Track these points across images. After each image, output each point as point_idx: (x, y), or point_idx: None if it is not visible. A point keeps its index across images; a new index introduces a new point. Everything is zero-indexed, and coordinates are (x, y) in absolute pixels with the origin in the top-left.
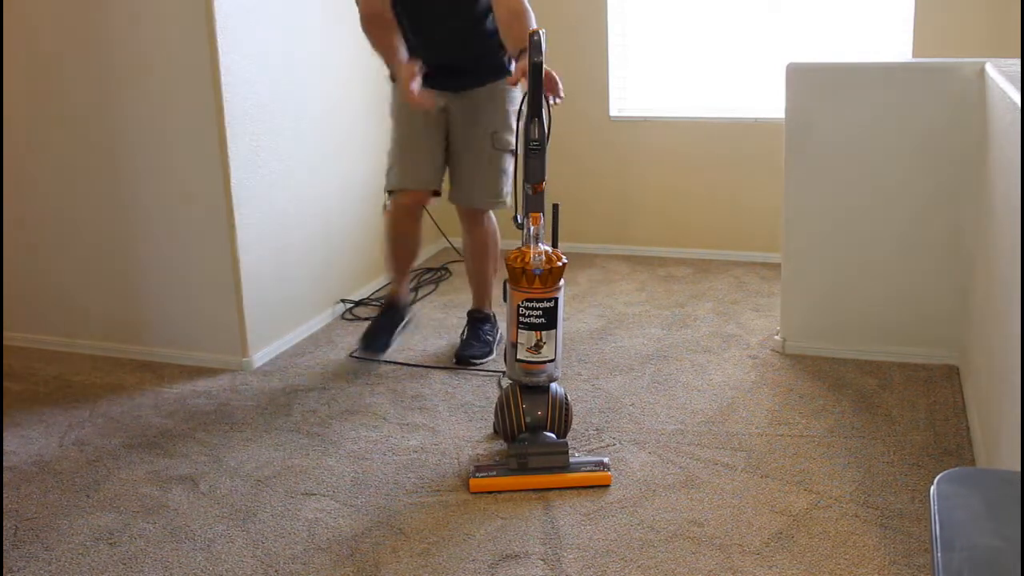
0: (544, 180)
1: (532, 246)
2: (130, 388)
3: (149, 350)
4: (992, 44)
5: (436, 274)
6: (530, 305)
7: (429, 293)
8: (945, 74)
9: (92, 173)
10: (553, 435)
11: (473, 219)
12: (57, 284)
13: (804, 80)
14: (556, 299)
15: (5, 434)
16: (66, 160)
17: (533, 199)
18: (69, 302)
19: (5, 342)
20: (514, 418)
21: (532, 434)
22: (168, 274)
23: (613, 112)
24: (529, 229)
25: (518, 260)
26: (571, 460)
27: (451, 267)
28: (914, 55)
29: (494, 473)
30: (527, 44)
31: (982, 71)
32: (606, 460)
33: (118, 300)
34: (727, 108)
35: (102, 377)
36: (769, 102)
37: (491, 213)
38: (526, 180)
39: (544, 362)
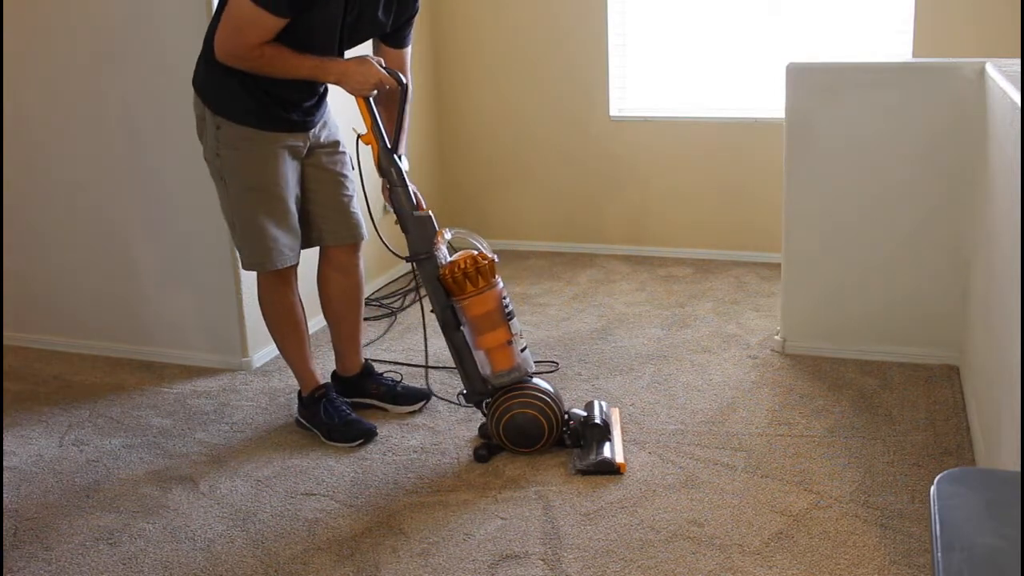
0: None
1: (452, 255)
2: (130, 388)
3: (149, 350)
4: (992, 44)
5: None
6: (504, 296)
7: None
8: (945, 74)
9: (92, 173)
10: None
11: (355, 255)
12: (57, 284)
13: (804, 80)
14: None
15: (5, 434)
16: (66, 160)
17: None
18: (69, 302)
19: (5, 342)
20: (559, 413)
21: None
22: (168, 274)
23: (613, 112)
24: (444, 245)
25: (471, 264)
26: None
27: None
28: (914, 55)
29: None
30: None
31: (982, 71)
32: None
33: (118, 300)
34: (727, 108)
35: (102, 377)
36: (769, 102)
37: None
38: (410, 209)
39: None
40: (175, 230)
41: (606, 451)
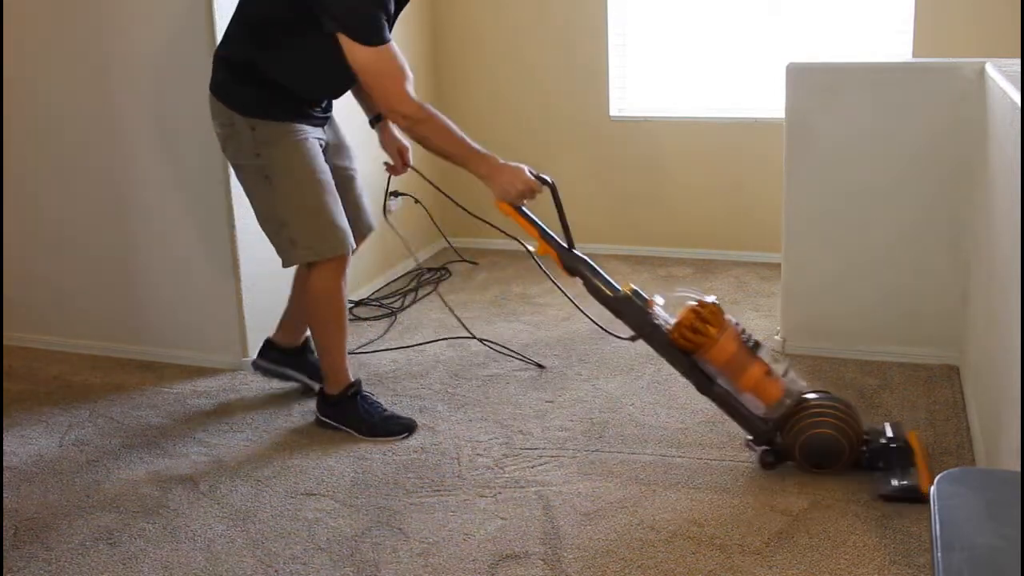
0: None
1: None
2: (130, 388)
3: (149, 350)
4: (992, 44)
5: (436, 274)
6: (742, 331)
7: (429, 293)
8: (945, 74)
9: (92, 173)
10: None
11: (359, 245)
12: (57, 284)
13: (804, 80)
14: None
15: (5, 434)
16: (66, 160)
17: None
18: (69, 302)
19: (5, 342)
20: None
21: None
22: (168, 274)
23: (613, 112)
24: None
25: (694, 318)
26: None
27: (450, 267)
28: (914, 55)
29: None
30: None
31: (982, 71)
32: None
33: (118, 300)
34: (727, 108)
35: (102, 377)
36: (769, 102)
37: None
38: (611, 294)
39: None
40: (175, 230)
41: (912, 477)
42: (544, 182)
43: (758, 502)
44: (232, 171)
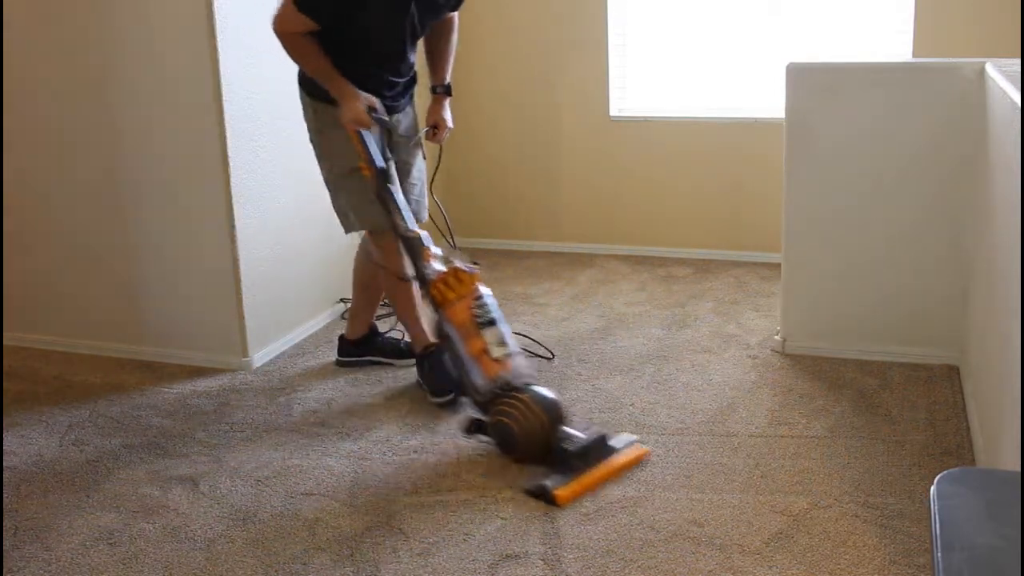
0: None
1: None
2: (130, 388)
3: (149, 350)
4: (992, 44)
5: None
6: (479, 305)
7: None
8: (945, 74)
9: (92, 174)
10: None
11: None
12: (57, 284)
13: (804, 80)
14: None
15: (5, 434)
16: (66, 161)
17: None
18: (69, 302)
19: (5, 342)
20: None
21: (567, 433)
22: (168, 274)
23: (613, 112)
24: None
25: (447, 280)
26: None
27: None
28: (914, 55)
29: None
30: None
31: (982, 71)
32: (635, 437)
33: (118, 300)
34: (727, 108)
35: (102, 377)
36: (769, 102)
37: None
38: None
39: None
40: (175, 230)
41: (552, 479)
42: (379, 121)
43: (758, 502)
44: (233, 172)
